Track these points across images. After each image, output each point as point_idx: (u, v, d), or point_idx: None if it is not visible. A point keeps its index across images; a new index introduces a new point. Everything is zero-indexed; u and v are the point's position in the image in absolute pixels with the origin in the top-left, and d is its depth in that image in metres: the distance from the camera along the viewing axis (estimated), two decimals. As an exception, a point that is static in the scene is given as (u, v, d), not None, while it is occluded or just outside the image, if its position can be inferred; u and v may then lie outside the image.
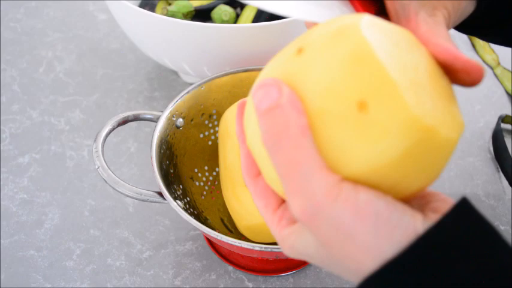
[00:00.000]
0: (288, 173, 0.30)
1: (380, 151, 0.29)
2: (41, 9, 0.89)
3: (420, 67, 0.32)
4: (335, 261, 0.32)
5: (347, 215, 0.29)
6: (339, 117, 0.29)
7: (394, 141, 0.29)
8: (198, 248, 0.60)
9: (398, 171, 0.30)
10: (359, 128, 0.29)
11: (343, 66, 0.29)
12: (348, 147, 0.29)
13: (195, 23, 0.61)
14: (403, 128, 0.28)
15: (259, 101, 0.30)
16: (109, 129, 0.54)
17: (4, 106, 0.74)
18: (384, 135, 0.29)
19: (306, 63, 0.30)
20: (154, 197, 0.52)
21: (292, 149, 0.29)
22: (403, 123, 0.28)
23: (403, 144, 0.29)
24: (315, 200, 0.29)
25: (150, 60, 0.80)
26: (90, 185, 0.65)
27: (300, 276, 0.58)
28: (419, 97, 0.29)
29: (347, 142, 0.29)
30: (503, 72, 0.81)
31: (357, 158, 0.29)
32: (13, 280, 0.57)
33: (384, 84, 0.28)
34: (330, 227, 0.30)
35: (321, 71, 0.30)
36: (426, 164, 0.30)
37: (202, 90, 0.60)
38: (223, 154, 0.56)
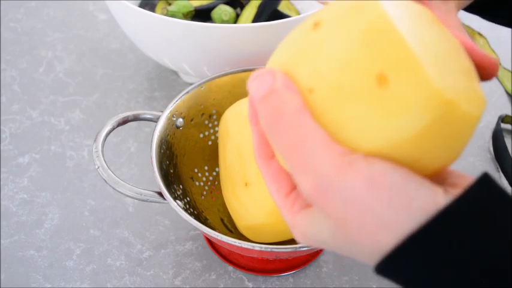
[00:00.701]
0: (292, 152, 0.29)
1: (400, 126, 0.28)
2: (41, 9, 0.89)
3: (440, 42, 0.31)
4: (351, 242, 0.30)
5: (360, 186, 0.28)
6: (357, 91, 0.28)
7: (415, 116, 0.27)
8: (198, 248, 0.60)
9: (419, 148, 0.28)
10: (378, 103, 0.28)
11: (361, 38, 0.28)
12: (366, 123, 0.28)
13: (195, 23, 0.61)
14: (425, 103, 0.27)
15: (255, 90, 0.30)
16: (109, 129, 0.54)
17: (4, 106, 0.74)
18: (405, 109, 0.27)
19: (322, 37, 0.29)
20: (154, 197, 0.52)
21: (292, 127, 0.29)
22: (424, 98, 0.27)
23: (424, 119, 0.27)
24: (323, 174, 0.28)
25: (150, 60, 0.80)
26: (90, 185, 0.65)
27: (300, 276, 0.58)
28: (440, 71, 0.28)
29: (365, 118, 0.28)
30: (503, 72, 0.81)
31: (376, 134, 0.28)
32: (13, 280, 0.57)
33: (404, 57, 0.27)
34: (342, 201, 0.28)
35: (337, 43, 0.28)
36: (447, 140, 0.29)
37: (202, 90, 0.60)
38: (223, 154, 0.56)
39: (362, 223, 0.29)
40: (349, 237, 0.30)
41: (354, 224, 0.29)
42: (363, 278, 0.58)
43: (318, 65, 0.29)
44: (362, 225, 0.29)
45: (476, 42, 0.86)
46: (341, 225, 0.29)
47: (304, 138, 0.29)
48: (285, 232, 0.54)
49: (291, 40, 0.32)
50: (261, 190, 0.51)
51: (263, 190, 0.51)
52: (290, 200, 0.33)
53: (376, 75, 0.27)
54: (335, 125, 0.29)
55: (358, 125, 0.28)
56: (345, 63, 0.28)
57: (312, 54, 0.29)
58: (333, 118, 0.29)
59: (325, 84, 0.29)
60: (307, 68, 0.30)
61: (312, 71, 0.29)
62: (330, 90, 0.29)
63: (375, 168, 0.28)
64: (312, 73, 0.29)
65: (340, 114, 0.29)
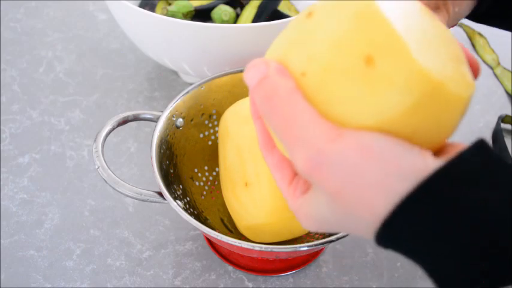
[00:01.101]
0: (285, 130, 0.31)
1: (387, 104, 0.29)
2: (41, 9, 0.89)
3: (430, 30, 0.32)
4: (350, 214, 0.31)
5: (351, 154, 0.29)
6: (346, 72, 0.30)
7: (401, 94, 0.29)
8: (198, 248, 0.60)
9: (407, 125, 0.30)
10: (366, 82, 0.29)
11: (350, 23, 0.30)
12: (355, 101, 0.30)
13: (195, 23, 0.61)
14: (410, 81, 0.29)
15: (250, 79, 0.32)
16: (109, 129, 0.54)
17: (4, 106, 0.74)
18: (391, 88, 0.29)
19: (314, 24, 0.32)
20: (154, 197, 0.52)
21: (284, 108, 0.31)
22: (409, 76, 0.29)
23: (410, 97, 0.29)
24: (315, 147, 0.30)
25: (150, 60, 0.80)
26: (90, 185, 0.65)
27: (300, 276, 0.58)
28: (426, 54, 0.30)
29: (354, 96, 0.30)
30: (503, 72, 0.81)
31: (364, 112, 0.30)
32: (13, 280, 0.57)
33: (390, 39, 0.29)
34: (335, 171, 0.30)
35: (328, 29, 0.31)
36: (436, 119, 0.30)
37: (202, 90, 0.60)
38: (223, 154, 0.56)
39: (356, 191, 0.30)
40: (347, 208, 0.31)
41: (349, 193, 0.30)
42: (363, 278, 0.58)
43: (310, 50, 0.31)
44: (356, 193, 0.30)
45: (476, 42, 0.86)
46: (337, 197, 0.30)
47: (296, 117, 0.30)
48: (285, 232, 0.54)
49: (286, 31, 0.34)
50: (261, 190, 0.51)
51: (263, 190, 0.51)
52: (292, 186, 0.34)
53: (364, 57, 0.29)
54: (326, 104, 0.31)
55: (348, 103, 0.30)
56: (335, 46, 0.30)
57: (305, 40, 0.32)
58: (324, 98, 0.31)
59: (317, 67, 0.31)
60: (300, 53, 0.32)
61: (304, 56, 0.31)
62: (321, 73, 0.30)
63: (364, 137, 0.29)
64: (305, 57, 0.31)
65: (331, 94, 0.30)
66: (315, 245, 0.48)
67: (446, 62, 0.31)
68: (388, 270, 0.59)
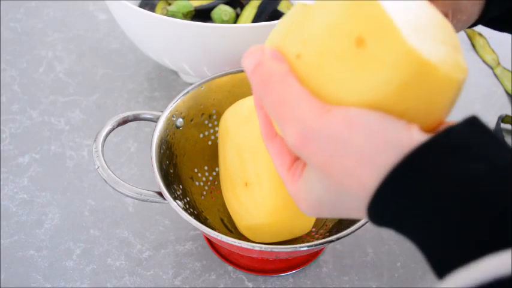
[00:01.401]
0: (278, 110, 0.33)
1: (377, 83, 0.30)
2: (41, 9, 0.89)
3: (425, 17, 0.33)
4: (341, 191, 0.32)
5: (337, 128, 0.31)
6: (338, 53, 0.31)
7: (391, 72, 0.30)
8: (198, 248, 0.60)
9: (397, 104, 0.31)
10: (357, 62, 0.31)
11: (343, 8, 0.31)
12: (346, 80, 0.31)
13: (195, 23, 0.61)
14: (399, 61, 0.30)
15: (247, 65, 0.34)
16: (109, 129, 0.54)
17: (4, 106, 0.74)
18: (381, 67, 0.30)
19: (310, 11, 0.33)
20: (154, 197, 0.52)
21: (278, 89, 0.33)
22: (398, 56, 0.30)
23: (399, 76, 0.30)
24: (304, 123, 0.31)
25: (150, 60, 0.80)
26: (90, 185, 0.65)
27: (300, 276, 0.58)
28: (418, 37, 0.31)
29: (346, 76, 0.31)
30: (503, 72, 0.81)
31: (355, 91, 0.31)
32: (13, 280, 0.57)
33: (381, 21, 0.30)
34: (323, 144, 0.31)
35: (323, 13, 0.32)
36: (426, 98, 0.31)
37: (202, 90, 0.60)
38: (223, 154, 0.56)
39: (344, 163, 0.31)
40: (338, 184, 0.32)
41: (337, 166, 0.31)
42: (363, 278, 0.58)
43: (305, 33, 0.33)
44: (344, 165, 0.31)
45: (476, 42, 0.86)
46: (326, 170, 0.32)
47: (288, 97, 0.32)
48: (284, 232, 0.54)
49: (284, 19, 0.36)
50: (261, 190, 0.51)
51: (263, 190, 0.51)
52: (291, 171, 0.36)
53: (355, 38, 0.31)
54: (320, 85, 0.32)
55: (340, 83, 0.31)
56: (328, 29, 0.32)
57: (301, 25, 0.33)
58: (317, 79, 0.32)
59: (311, 49, 0.32)
60: (296, 36, 0.33)
61: (299, 39, 0.33)
62: (315, 54, 0.32)
63: (351, 111, 0.31)
64: (300, 41, 0.33)
65: (324, 75, 0.32)
66: (315, 245, 0.48)
67: (439, 45, 0.32)
68: (388, 270, 0.59)
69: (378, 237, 0.61)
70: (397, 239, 0.61)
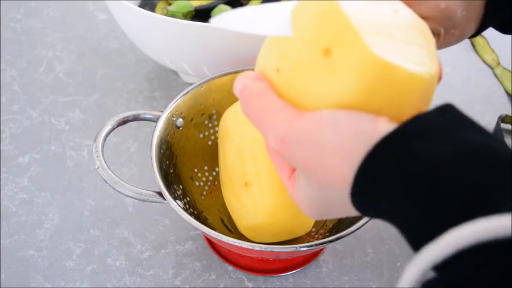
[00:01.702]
0: (260, 121, 0.36)
1: (345, 87, 0.33)
2: (41, 9, 0.89)
3: (390, 20, 0.36)
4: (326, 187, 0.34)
5: (309, 128, 0.34)
6: (309, 64, 0.34)
7: (355, 77, 0.33)
8: (198, 248, 0.60)
9: (368, 105, 0.33)
10: (326, 71, 0.34)
11: (312, 21, 0.35)
12: (318, 88, 0.34)
13: (195, 23, 0.61)
14: (362, 65, 0.33)
15: (235, 91, 0.38)
16: (109, 129, 0.54)
17: (4, 106, 0.74)
18: (346, 73, 0.33)
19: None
20: (154, 197, 0.52)
21: (258, 103, 0.36)
22: (361, 61, 0.32)
23: (364, 79, 0.33)
24: (281, 128, 0.35)
25: (150, 60, 0.80)
26: (90, 185, 0.65)
27: (300, 276, 0.58)
28: (381, 41, 0.33)
29: (317, 84, 0.34)
30: (503, 72, 0.81)
31: (327, 96, 0.34)
32: (13, 280, 0.57)
33: (346, 32, 0.33)
34: (299, 145, 0.34)
35: (297, 28, 0.35)
36: (395, 97, 0.33)
37: (202, 90, 0.60)
38: (223, 154, 0.56)
39: (320, 159, 0.33)
40: (321, 181, 0.34)
41: (317, 165, 0.34)
42: (363, 278, 0.58)
43: (282, 48, 0.36)
44: (321, 162, 0.33)
45: (476, 42, 0.86)
46: (309, 171, 0.34)
47: (267, 108, 0.36)
48: (284, 232, 0.54)
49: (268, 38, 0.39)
50: (261, 190, 0.51)
51: (263, 190, 0.51)
52: (291, 180, 0.39)
53: (323, 49, 0.34)
54: (297, 94, 0.35)
55: (313, 91, 0.35)
56: (301, 42, 0.35)
57: (280, 40, 0.37)
58: (295, 89, 0.35)
59: (287, 62, 0.36)
60: (275, 52, 0.37)
61: (278, 54, 0.36)
62: (291, 66, 0.36)
63: (320, 112, 0.34)
64: (279, 55, 0.36)
65: (299, 84, 0.35)
66: (315, 245, 0.48)
67: (403, 45, 0.34)
68: (388, 270, 0.59)
69: (378, 237, 0.61)
70: (397, 239, 0.61)
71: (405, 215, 0.30)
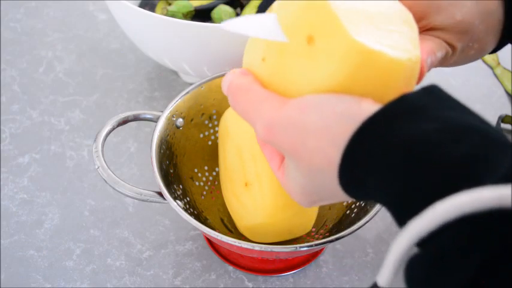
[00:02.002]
0: (247, 113, 0.37)
1: (328, 74, 0.34)
2: (41, 9, 0.89)
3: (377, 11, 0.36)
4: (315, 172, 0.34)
5: (293, 113, 0.34)
6: (293, 52, 0.35)
7: (338, 63, 0.34)
8: (198, 248, 0.60)
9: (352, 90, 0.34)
10: (309, 58, 0.35)
11: (297, 10, 0.36)
12: (302, 75, 0.35)
13: (195, 23, 0.61)
14: (344, 52, 0.33)
15: (223, 88, 0.40)
16: (109, 129, 0.54)
17: (4, 106, 0.74)
18: (329, 60, 0.34)
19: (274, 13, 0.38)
20: (154, 197, 0.52)
21: (245, 97, 0.38)
22: (343, 48, 0.33)
23: (346, 65, 0.33)
24: (268, 116, 0.36)
25: (150, 60, 0.80)
26: (90, 185, 0.65)
27: (300, 276, 0.58)
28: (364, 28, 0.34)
29: (301, 71, 0.35)
30: (503, 72, 0.81)
31: (311, 82, 0.35)
32: (13, 280, 0.57)
33: (328, 20, 0.34)
34: (285, 131, 0.35)
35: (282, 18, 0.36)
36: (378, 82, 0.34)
37: (202, 90, 0.60)
38: (223, 154, 0.56)
39: (306, 143, 0.34)
40: (309, 165, 0.34)
41: (303, 149, 0.34)
42: (363, 278, 0.58)
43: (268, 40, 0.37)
44: (308, 145, 0.34)
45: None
46: (295, 154, 0.35)
47: (253, 100, 0.37)
48: (284, 232, 0.54)
49: None
50: (261, 190, 0.51)
51: (263, 190, 0.51)
52: (281, 169, 0.40)
53: (306, 37, 0.35)
54: (282, 81, 0.36)
55: (297, 78, 0.35)
56: (285, 31, 0.36)
57: None
58: (280, 76, 0.37)
59: (272, 51, 0.37)
60: (262, 43, 0.38)
61: (264, 43, 0.38)
62: (276, 55, 0.37)
63: (303, 98, 0.35)
64: (265, 46, 0.37)
65: (284, 72, 0.36)
66: (315, 245, 0.48)
67: (384, 33, 0.35)
68: (388, 270, 0.59)
69: (378, 237, 0.61)
70: (397, 239, 0.61)
71: (389, 192, 0.30)
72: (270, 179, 0.51)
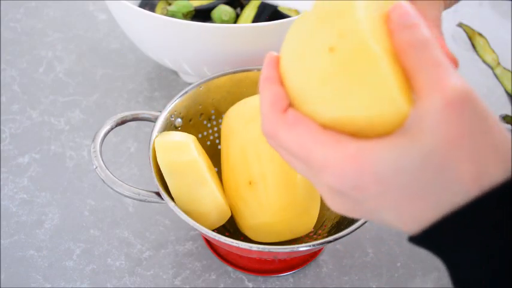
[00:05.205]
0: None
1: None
2: (41, 9, 0.89)
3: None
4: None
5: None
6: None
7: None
8: (198, 248, 0.60)
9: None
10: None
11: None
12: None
13: (195, 23, 0.61)
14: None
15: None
16: (107, 129, 0.54)
17: (4, 106, 0.74)
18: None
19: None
20: (152, 197, 0.51)
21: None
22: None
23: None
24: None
25: (150, 60, 0.80)
26: (90, 185, 0.65)
27: (300, 276, 0.58)
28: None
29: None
30: (503, 72, 0.81)
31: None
32: (13, 280, 0.57)
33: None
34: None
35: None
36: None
37: (201, 90, 0.60)
38: (226, 153, 0.56)
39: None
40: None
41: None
42: (363, 278, 0.58)
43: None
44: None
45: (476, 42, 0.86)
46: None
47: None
48: (286, 232, 0.54)
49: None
50: (265, 189, 0.51)
51: (267, 189, 0.51)
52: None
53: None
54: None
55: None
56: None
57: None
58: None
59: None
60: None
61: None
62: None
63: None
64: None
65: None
66: (314, 245, 0.48)
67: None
68: (388, 270, 0.59)
69: (378, 237, 0.61)
70: (397, 239, 0.61)
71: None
72: (274, 178, 0.51)
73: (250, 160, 0.53)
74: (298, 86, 0.34)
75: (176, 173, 0.50)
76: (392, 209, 0.31)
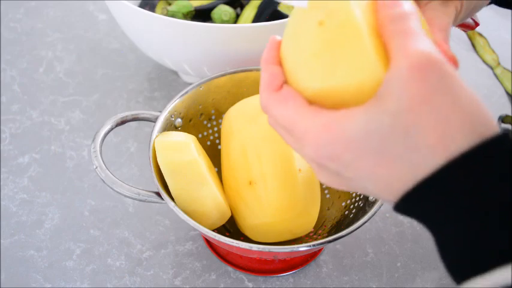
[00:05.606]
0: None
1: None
2: (41, 9, 0.89)
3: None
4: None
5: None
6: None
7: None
8: (198, 248, 0.60)
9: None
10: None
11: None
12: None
13: (195, 23, 0.61)
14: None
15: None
16: (107, 129, 0.54)
17: (4, 106, 0.74)
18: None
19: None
20: (152, 197, 0.51)
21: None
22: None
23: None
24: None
25: (150, 60, 0.80)
26: (90, 185, 0.65)
27: (300, 276, 0.58)
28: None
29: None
30: (503, 72, 0.81)
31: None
32: (13, 280, 0.57)
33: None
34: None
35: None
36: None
37: (201, 90, 0.60)
38: (227, 153, 0.56)
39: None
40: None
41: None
42: (363, 278, 0.58)
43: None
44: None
45: (476, 42, 0.86)
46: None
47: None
48: (286, 232, 0.54)
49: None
50: (265, 189, 0.51)
51: (268, 189, 0.51)
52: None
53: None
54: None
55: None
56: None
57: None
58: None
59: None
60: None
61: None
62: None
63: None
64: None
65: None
66: (313, 246, 0.48)
67: None
68: (388, 270, 0.59)
69: (378, 237, 0.61)
70: (397, 239, 0.61)
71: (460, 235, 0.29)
72: (274, 178, 0.51)
73: (251, 160, 0.53)
74: (292, 62, 0.36)
75: (176, 173, 0.50)
76: (369, 176, 0.32)
